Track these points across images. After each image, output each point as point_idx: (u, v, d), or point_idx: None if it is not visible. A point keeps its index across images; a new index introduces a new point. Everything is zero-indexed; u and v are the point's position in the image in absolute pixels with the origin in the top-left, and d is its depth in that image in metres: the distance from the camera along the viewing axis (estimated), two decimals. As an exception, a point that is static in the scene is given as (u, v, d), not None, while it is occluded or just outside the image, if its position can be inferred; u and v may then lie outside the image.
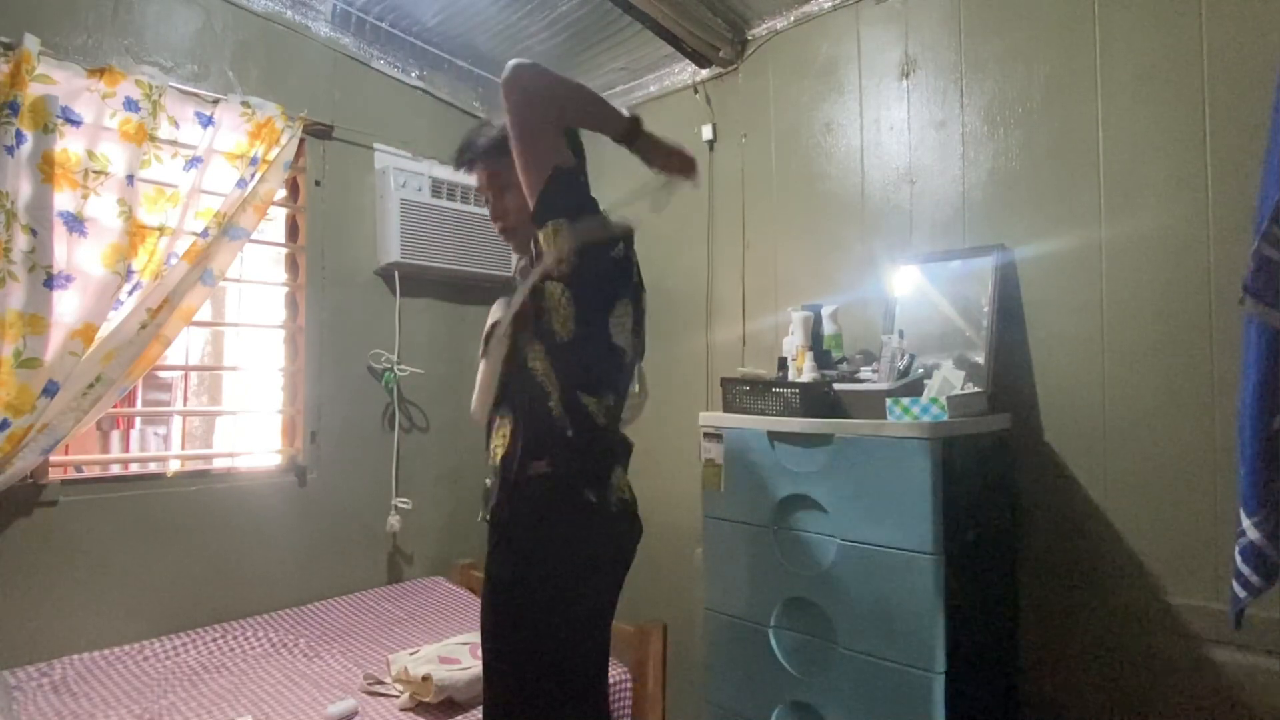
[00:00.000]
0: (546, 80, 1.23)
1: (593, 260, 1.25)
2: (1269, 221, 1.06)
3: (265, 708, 1.71)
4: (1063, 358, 1.71)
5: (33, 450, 1.77)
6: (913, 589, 1.45)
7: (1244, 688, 1.46)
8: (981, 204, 1.85)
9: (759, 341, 2.33)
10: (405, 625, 2.24)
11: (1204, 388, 1.52)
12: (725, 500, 1.80)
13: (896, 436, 1.49)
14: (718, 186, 2.47)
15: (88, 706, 1.66)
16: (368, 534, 2.49)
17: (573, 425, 1.25)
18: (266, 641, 2.04)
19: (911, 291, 1.91)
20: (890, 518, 1.49)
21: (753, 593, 1.73)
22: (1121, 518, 1.62)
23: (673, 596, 2.38)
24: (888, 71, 2.04)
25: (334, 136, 2.43)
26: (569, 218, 1.22)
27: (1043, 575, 1.71)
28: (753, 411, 1.81)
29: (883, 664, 1.49)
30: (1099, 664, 1.63)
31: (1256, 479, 1.08)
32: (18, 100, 1.70)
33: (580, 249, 1.22)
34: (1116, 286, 1.64)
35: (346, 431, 2.46)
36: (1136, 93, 1.62)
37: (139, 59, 2.02)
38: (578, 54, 2.59)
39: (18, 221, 1.71)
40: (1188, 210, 1.55)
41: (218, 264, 2.07)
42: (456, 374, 2.74)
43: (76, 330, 1.78)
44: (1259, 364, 1.07)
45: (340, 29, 2.44)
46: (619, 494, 1.32)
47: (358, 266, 2.51)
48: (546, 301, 1.24)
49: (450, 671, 1.76)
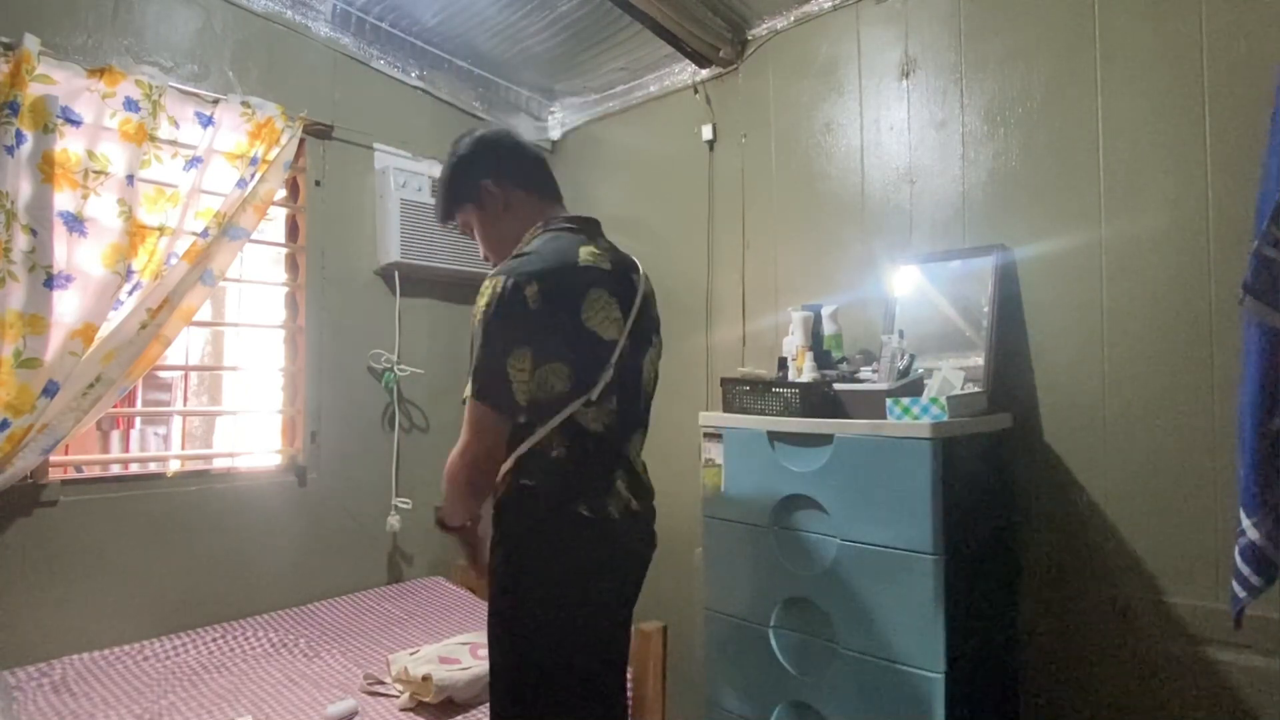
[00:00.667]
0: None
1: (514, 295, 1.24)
2: (1269, 221, 1.06)
3: (265, 708, 1.71)
4: (1063, 358, 1.71)
5: (33, 450, 1.77)
6: (913, 589, 1.45)
7: (1244, 688, 1.46)
8: (981, 204, 1.85)
9: (759, 341, 2.33)
10: (405, 625, 2.24)
11: (1204, 388, 1.52)
12: (725, 500, 1.80)
13: (896, 436, 1.49)
14: (718, 186, 2.47)
15: (88, 706, 1.66)
16: (368, 534, 2.49)
17: (560, 444, 1.25)
18: (266, 641, 2.04)
19: (911, 291, 1.91)
20: (890, 518, 1.49)
21: (753, 593, 1.73)
22: (1121, 518, 1.62)
23: (673, 596, 2.38)
24: (888, 71, 2.04)
25: (334, 136, 2.43)
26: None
27: (1043, 575, 1.71)
28: (753, 411, 1.81)
29: (883, 664, 1.49)
30: (1099, 664, 1.63)
31: (1256, 479, 1.08)
32: (18, 100, 1.70)
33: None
34: (1116, 286, 1.64)
35: (346, 431, 2.46)
36: (1136, 92, 1.62)
37: (139, 59, 2.02)
38: (578, 54, 2.59)
39: (18, 221, 1.71)
40: (1188, 210, 1.55)
41: (218, 264, 2.07)
42: (456, 374, 2.73)
43: (76, 330, 1.78)
44: (1259, 364, 1.07)
45: (340, 29, 2.44)
46: (622, 502, 1.30)
47: (358, 266, 2.51)
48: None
49: (450, 671, 1.76)
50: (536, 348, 1.22)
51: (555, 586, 1.24)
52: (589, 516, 1.25)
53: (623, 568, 1.34)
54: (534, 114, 3.01)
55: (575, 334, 1.26)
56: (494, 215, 1.43)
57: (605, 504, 1.28)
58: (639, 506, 1.34)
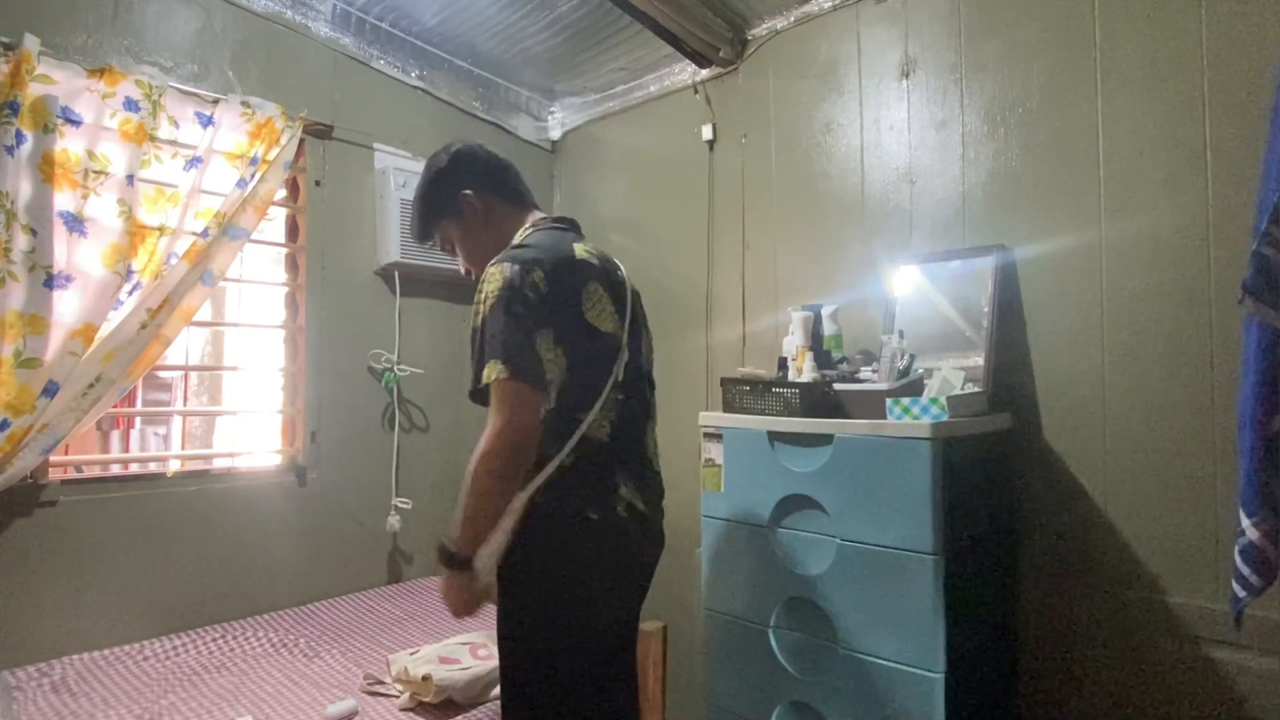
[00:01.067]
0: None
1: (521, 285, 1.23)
2: (1269, 222, 1.06)
3: (265, 708, 1.71)
4: (1063, 358, 1.71)
5: (33, 450, 1.77)
6: (913, 589, 1.45)
7: (1244, 688, 1.46)
8: (981, 204, 1.85)
9: (759, 341, 2.33)
10: (405, 625, 2.24)
11: (1204, 388, 1.52)
12: (725, 500, 1.80)
13: (896, 436, 1.49)
14: (718, 186, 2.47)
15: (88, 706, 1.66)
16: (368, 534, 2.49)
17: (566, 449, 1.25)
18: (266, 641, 2.04)
19: (911, 291, 1.91)
20: (890, 518, 1.49)
21: (753, 593, 1.73)
22: (1121, 517, 1.62)
23: (673, 596, 2.38)
24: (888, 71, 2.04)
25: (334, 136, 2.43)
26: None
27: (1043, 575, 1.71)
28: (753, 411, 1.81)
29: (883, 664, 1.49)
30: (1099, 664, 1.63)
31: (1256, 479, 1.08)
32: (18, 100, 1.70)
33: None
34: (1116, 286, 1.64)
35: (346, 431, 2.46)
36: (1136, 92, 1.62)
37: (139, 59, 2.02)
38: (578, 54, 2.59)
39: (18, 221, 1.71)
40: (1188, 210, 1.55)
41: (218, 264, 2.07)
42: (456, 374, 2.74)
43: (76, 330, 1.78)
44: (1259, 364, 1.07)
45: (340, 29, 2.44)
46: (629, 504, 1.31)
47: (358, 266, 2.51)
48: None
49: (450, 671, 1.76)
50: (557, 331, 1.24)
51: (564, 589, 1.25)
52: (595, 520, 1.26)
53: (630, 568, 1.35)
54: (534, 114, 3.01)
55: (577, 325, 1.28)
56: (476, 226, 1.45)
57: (613, 507, 1.28)
58: (646, 508, 1.34)
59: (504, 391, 1.18)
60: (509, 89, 2.92)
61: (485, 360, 1.19)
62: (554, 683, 1.26)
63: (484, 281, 1.25)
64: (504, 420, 1.17)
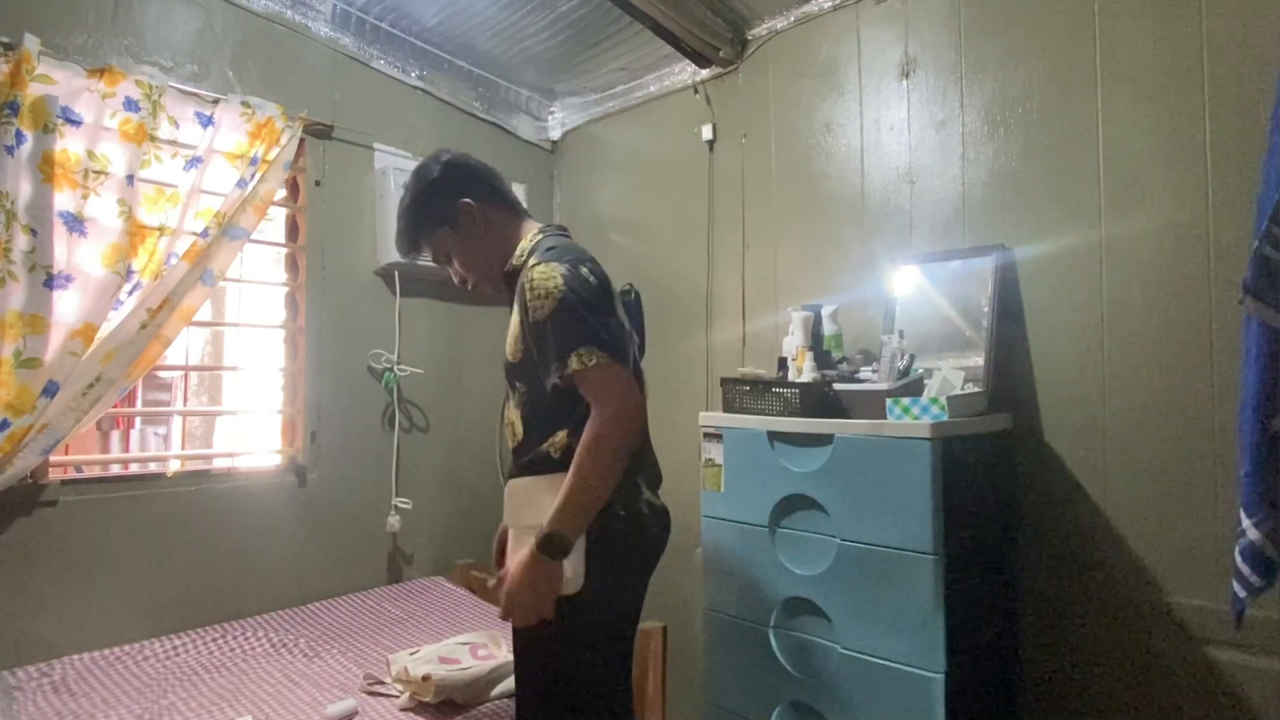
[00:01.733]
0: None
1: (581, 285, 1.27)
2: (1269, 222, 1.06)
3: (265, 708, 1.71)
4: (1063, 358, 1.71)
5: (33, 450, 1.77)
6: (913, 589, 1.45)
7: (1244, 688, 1.46)
8: (981, 204, 1.85)
9: (759, 341, 2.33)
10: (405, 625, 2.24)
11: (1204, 388, 1.52)
12: (725, 500, 1.80)
13: (896, 436, 1.49)
14: (718, 186, 2.47)
15: (88, 706, 1.66)
16: (368, 534, 2.49)
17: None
18: (266, 641, 2.04)
19: (911, 291, 1.91)
20: (890, 518, 1.49)
21: (753, 593, 1.73)
22: (1121, 517, 1.62)
23: (673, 596, 2.38)
24: (888, 71, 2.04)
25: (334, 136, 2.43)
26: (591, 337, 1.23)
27: (1043, 575, 1.71)
28: (753, 411, 1.81)
29: (883, 664, 1.49)
30: (1099, 664, 1.63)
31: (1256, 479, 1.08)
32: (18, 100, 1.70)
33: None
34: (1116, 286, 1.64)
35: (346, 431, 2.46)
36: (1137, 92, 1.62)
37: (139, 59, 2.02)
38: (578, 54, 2.59)
39: (18, 221, 1.71)
40: (1188, 210, 1.55)
41: (218, 264, 2.07)
42: (456, 374, 2.74)
43: (76, 330, 1.78)
44: (1259, 364, 1.07)
45: (340, 29, 2.44)
46: (647, 501, 1.35)
47: (358, 266, 2.51)
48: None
49: (450, 671, 1.76)
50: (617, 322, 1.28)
51: (599, 583, 1.26)
52: (624, 516, 1.29)
53: (649, 560, 1.39)
54: (534, 114, 3.01)
55: (618, 320, 1.31)
56: (475, 235, 1.43)
57: (637, 505, 1.32)
58: (659, 502, 1.39)
59: (607, 375, 1.20)
60: (509, 89, 2.91)
61: (569, 349, 1.20)
62: (574, 682, 1.28)
63: (535, 281, 1.25)
64: (618, 403, 1.20)
